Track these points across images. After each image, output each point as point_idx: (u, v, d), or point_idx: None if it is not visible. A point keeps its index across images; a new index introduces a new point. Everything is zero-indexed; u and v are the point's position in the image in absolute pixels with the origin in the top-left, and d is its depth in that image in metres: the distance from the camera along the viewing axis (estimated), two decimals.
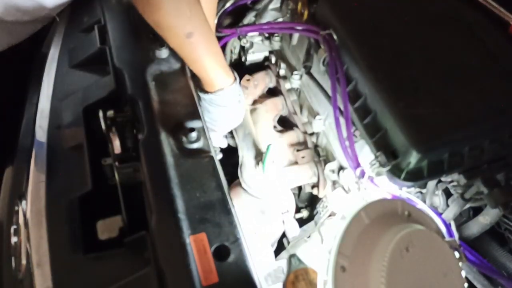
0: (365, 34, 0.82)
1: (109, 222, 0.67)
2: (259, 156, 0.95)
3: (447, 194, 0.83)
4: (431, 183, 0.81)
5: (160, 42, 0.83)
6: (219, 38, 1.07)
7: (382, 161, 0.71)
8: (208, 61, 0.78)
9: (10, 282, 0.68)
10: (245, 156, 0.96)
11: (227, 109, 0.84)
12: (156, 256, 0.59)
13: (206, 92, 0.82)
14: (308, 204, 1.10)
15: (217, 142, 0.95)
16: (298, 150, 0.98)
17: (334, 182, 0.93)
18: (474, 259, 0.74)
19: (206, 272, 0.56)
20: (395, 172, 0.70)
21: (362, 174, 0.75)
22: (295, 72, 1.06)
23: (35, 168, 0.74)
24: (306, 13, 0.99)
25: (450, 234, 0.67)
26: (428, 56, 0.78)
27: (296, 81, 1.06)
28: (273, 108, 1.08)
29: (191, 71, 0.82)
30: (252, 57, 1.22)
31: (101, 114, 0.74)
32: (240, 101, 0.86)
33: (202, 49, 0.76)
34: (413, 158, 0.68)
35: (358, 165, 0.75)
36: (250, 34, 1.17)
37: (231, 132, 1.02)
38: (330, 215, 0.91)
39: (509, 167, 0.74)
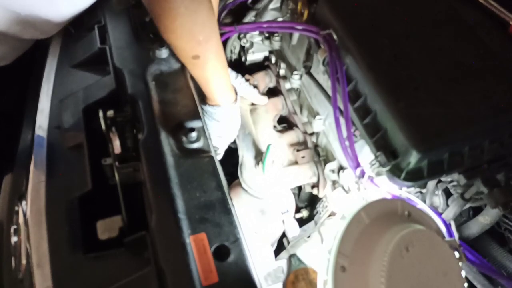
0: (365, 34, 0.82)
1: (109, 222, 0.67)
2: (259, 156, 0.95)
3: (447, 194, 0.83)
4: (431, 183, 0.81)
5: (160, 42, 0.83)
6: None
7: (382, 161, 0.71)
8: (212, 80, 0.80)
9: (10, 282, 0.68)
10: (245, 156, 0.96)
11: (220, 124, 0.86)
12: (156, 256, 0.59)
13: (205, 103, 0.84)
14: (308, 204, 1.10)
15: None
16: (298, 150, 0.99)
17: (334, 182, 0.93)
18: (474, 259, 0.74)
19: (206, 272, 0.56)
20: (395, 172, 0.70)
21: (362, 174, 0.75)
22: (295, 72, 1.06)
23: (35, 168, 0.74)
24: (306, 13, 0.99)
25: (450, 234, 0.67)
26: (428, 56, 0.78)
27: (296, 81, 1.06)
28: (273, 108, 1.08)
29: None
30: (252, 57, 1.22)
31: (101, 114, 0.74)
32: (234, 120, 0.89)
33: (208, 69, 0.78)
34: (413, 158, 0.68)
35: (358, 165, 0.75)
36: (250, 34, 1.17)
37: None
38: (330, 215, 0.91)
39: (509, 167, 0.74)
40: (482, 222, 0.82)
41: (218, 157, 0.96)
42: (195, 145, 0.71)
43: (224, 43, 1.18)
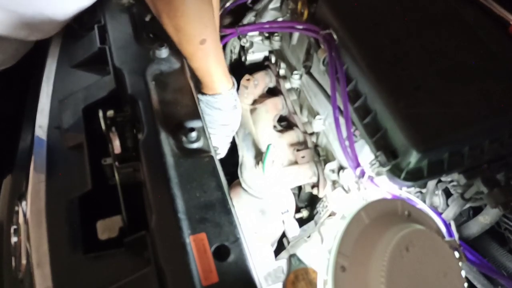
0: (365, 34, 0.82)
1: (109, 222, 0.67)
2: (259, 156, 0.95)
3: (447, 194, 0.83)
4: (431, 183, 0.81)
5: (160, 42, 0.83)
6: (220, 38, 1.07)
7: (382, 161, 0.71)
8: (214, 66, 0.80)
9: (10, 282, 0.68)
10: (245, 156, 0.96)
11: (222, 113, 0.86)
12: (156, 256, 0.59)
13: (204, 93, 0.84)
14: (308, 204, 1.10)
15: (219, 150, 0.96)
16: (298, 150, 0.99)
17: (334, 182, 0.93)
18: (474, 259, 0.74)
19: (206, 272, 0.56)
20: (395, 172, 0.70)
21: (362, 174, 0.75)
22: (295, 72, 1.06)
23: (35, 168, 0.74)
24: (306, 12, 0.99)
25: (450, 234, 0.67)
26: (428, 56, 0.78)
27: (296, 81, 1.06)
28: (273, 108, 1.08)
29: (191, 72, 0.83)
30: (252, 57, 1.22)
31: (101, 114, 0.74)
32: (236, 107, 0.88)
33: (212, 55, 0.79)
34: (413, 158, 0.68)
35: (358, 165, 0.75)
36: (250, 34, 1.17)
37: None
38: (330, 215, 0.91)
39: (509, 167, 0.74)
40: (482, 222, 0.82)
41: (224, 150, 0.96)
42: (195, 145, 0.71)
43: (225, 44, 1.18)
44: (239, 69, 1.04)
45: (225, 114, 0.87)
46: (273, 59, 1.18)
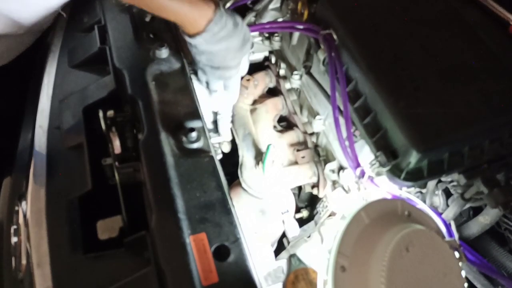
0: (365, 34, 0.82)
1: (109, 222, 0.67)
2: (259, 156, 0.95)
3: (447, 194, 0.83)
4: (431, 183, 0.81)
5: (160, 42, 0.83)
6: None
7: (382, 161, 0.71)
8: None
9: (10, 282, 0.68)
10: (245, 156, 0.96)
11: (228, 39, 0.76)
12: (156, 256, 0.59)
13: (193, 35, 0.73)
14: (308, 204, 1.10)
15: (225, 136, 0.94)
16: (298, 150, 0.99)
17: (334, 182, 0.93)
18: (474, 259, 0.74)
19: (206, 272, 0.56)
20: (395, 172, 0.70)
21: (362, 174, 0.75)
22: (295, 72, 1.06)
23: (35, 168, 0.75)
24: (306, 13, 0.99)
25: (450, 234, 0.67)
26: (428, 56, 0.78)
27: (296, 81, 1.06)
28: (273, 108, 1.08)
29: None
30: (252, 57, 1.22)
31: (101, 114, 0.74)
32: (237, 23, 0.76)
33: None
34: (413, 158, 0.68)
35: (358, 165, 0.75)
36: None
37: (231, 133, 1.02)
38: (330, 215, 0.91)
39: (509, 167, 0.74)
40: (482, 222, 0.82)
41: (220, 157, 0.95)
42: (195, 145, 0.71)
43: None
44: None
45: (233, 38, 0.76)
46: (273, 60, 1.18)
